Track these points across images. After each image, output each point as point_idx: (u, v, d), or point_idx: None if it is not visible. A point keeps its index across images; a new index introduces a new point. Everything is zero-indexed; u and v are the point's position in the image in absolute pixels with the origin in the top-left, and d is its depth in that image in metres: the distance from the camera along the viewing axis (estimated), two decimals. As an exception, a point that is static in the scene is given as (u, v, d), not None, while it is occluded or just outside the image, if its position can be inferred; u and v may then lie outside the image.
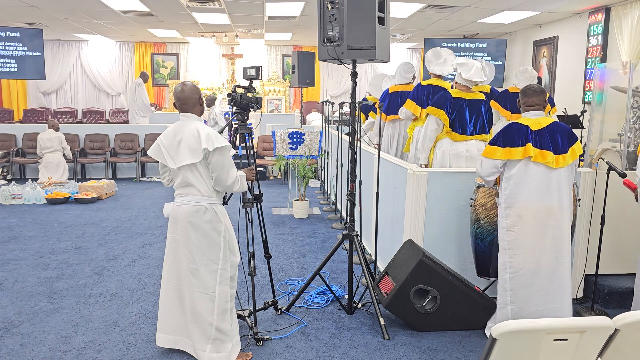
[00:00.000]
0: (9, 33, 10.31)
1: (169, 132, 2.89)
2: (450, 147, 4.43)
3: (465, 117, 4.39)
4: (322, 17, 3.36)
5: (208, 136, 2.77)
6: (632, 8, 7.65)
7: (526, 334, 1.58)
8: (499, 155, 3.09)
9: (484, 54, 11.12)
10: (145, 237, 5.53)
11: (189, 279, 2.88)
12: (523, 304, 3.07)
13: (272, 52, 14.44)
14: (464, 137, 4.42)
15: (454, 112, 4.39)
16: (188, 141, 2.79)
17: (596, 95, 6.01)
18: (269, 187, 8.61)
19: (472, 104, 4.42)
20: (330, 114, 8.56)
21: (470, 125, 4.40)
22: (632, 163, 5.12)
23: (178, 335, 2.98)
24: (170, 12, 9.50)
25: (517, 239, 3.05)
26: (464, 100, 4.41)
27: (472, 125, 4.42)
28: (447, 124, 4.40)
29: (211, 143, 2.76)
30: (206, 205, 2.85)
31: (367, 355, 3.08)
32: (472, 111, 4.42)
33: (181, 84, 2.93)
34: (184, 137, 2.81)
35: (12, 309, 3.67)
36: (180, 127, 2.86)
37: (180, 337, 2.98)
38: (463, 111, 4.40)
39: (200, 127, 2.81)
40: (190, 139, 2.79)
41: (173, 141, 2.84)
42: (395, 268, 3.52)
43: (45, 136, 8.30)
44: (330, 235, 5.68)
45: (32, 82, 13.70)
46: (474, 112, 4.42)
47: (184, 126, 2.85)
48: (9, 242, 5.31)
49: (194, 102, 2.90)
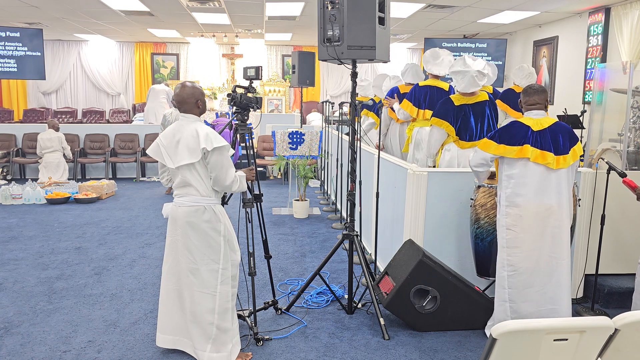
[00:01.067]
0: (9, 33, 10.31)
1: (168, 132, 2.90)
2: (458, 152, 4.41)
3: (470, 124, 4.33)
4: (322, 17, 3.36)
5: (207, 136, 2.78)
6: (632, 8, 7.65)
7: (526, 334, 1.58)
8: (491, 150, 3.11)
9: (484, 54, 11.12)
10: (145, 237, 5.54)
11: (189, 279, 2.88)
12: (522, 302, 3.07)
13: (272, 52, 14.45)
14: (472, 144, 4.37)
15: (458, 121, 4.33)
16: (187, 141, 2.80)
17: (596, 95, 6.00)
18: (269, 187, 8.61)
19: (476, 108, 4.36)
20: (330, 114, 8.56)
21: (476, 130, 4.36)
22: (632, 163, 5.12)
23: (178, 336, 2.98)
24: (170, 12, 9.50)
25: (517, 237, 3.06)
26: (468, 107, 4.34)
27: (479, 130, 4.37)
28: (453, 133, 4.36)
29: (210, 143, 2.76)
30: (205, 205, 2.85)
31: (367, 355, 3.08)
32: (477, 116, 4.36)
33: (180, 85, 2.93)
34: (183, 137, 2.82)
35: (12, 309, 3.67)
36: (180, 127, 2.87)
37: (180, 337, 2.98)
38: (467, 118, 4.33)
39: (199, 128, 2.81)
40: (189, 139, 2.79)
41: (172, 141, 2.85)
42: (395, 268, 3.52)
43: (45, 136, 8.29)
44: (330, 235, 5.68)
45: (32, 82, 13.70)
46: (478, 116, 4.36)
47: (183, 126, 2.86)
48: (9, 242, 5.31)
49: (191, 104, 2.90)
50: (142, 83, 14.19)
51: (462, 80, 4.24)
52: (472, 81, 4.21)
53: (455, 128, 4.34)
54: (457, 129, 4.35)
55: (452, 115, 4.33)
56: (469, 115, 4.34)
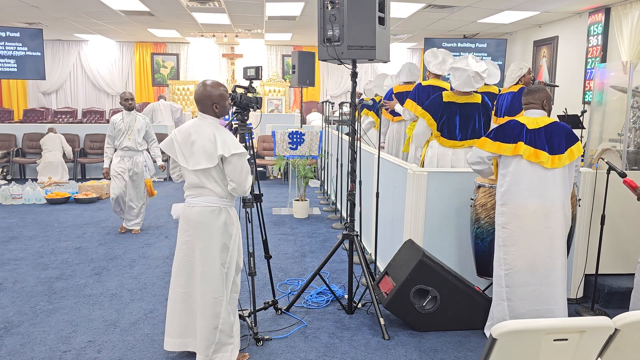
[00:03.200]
0: (9, 33, 10.31)
1: (184, 129, 2.83)
2: (439, 148, 4.40)
3: (454, 123, 4.31)
4: (322, 17, 3.36)
5: (224, 142, 2.72)
6: (632, 8, 7.65)
7: (526, 334, 1.58)
8: (487, 147, 3.13)
9: (484, 54, 11.12)
10: (145, 237, 5.53)
11: (199, 282, 2.83)
12: (520, 301, 3.07)
13: (272, 52, 14.45)
14: (453, 143, 4.35)
15: (442, 117, 4.31)
16: (203, 144, 2.73)
17: (596, 95, 6.01)
18: (269, 187, 8.61)
19: (464, 108, 4.33)
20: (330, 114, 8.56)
21: (458, 130, 4.33)
22: (632, 163, 5.12)
23: (187, 338, 2.93)
24: (170, 12, 9.50)
25: (512, 236, 3.06)
26: (456, 105, 4.32)
27: (461, 131, 4.33)
28: (434, 128, 4.35)
29: (227, 149, 2.71)
30: (221, 207, 2.81)
31: (367, 355, 3.08)
32: (464, 116, 4.32)
33: (201, 84, 2.84)
34: (199, 139, 2.75)
35: (12, 309, 3.67)
36: (197, 127, 2.80)
37: (189, 338, 2.93)
38: (453, 116, 4.31)
39: (217, 132, 2.75)
40: (205, 142, 2.73)
41: (187, 140, 2.79)
42: (395, 268, 3.52)
43: (47, 138, 8.56)
44: (330, 235, 5.68)
45: (32, 82, 13.70)
46: (465, 117, 4.33)
47: (201, 127, 2.79)
48: (9, 242, 5.31)
49: (206, 105, 2.82)
50: (142, 83, 14.20)
51: (459, 77, 4.24)
52: (468, 81, 4.20)
53: (437, 123, 4.34)
54: (440, 124, 4.34)
55: (437, 109, 4.33)
56: (454, 114, 4.32)
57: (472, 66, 4.20)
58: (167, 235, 5.59)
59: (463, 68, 4.20)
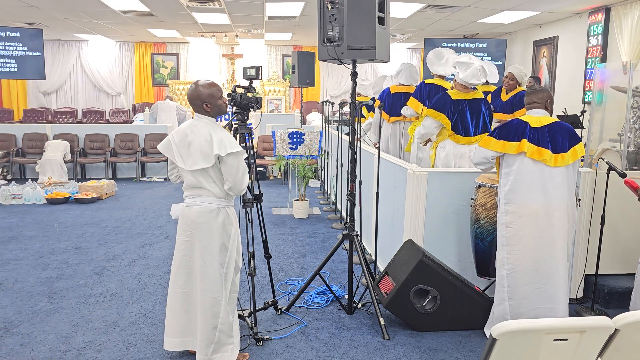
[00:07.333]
0: (9, 33, 10.31)
1: (181, 130, 2.84)
2: (454, 148, 4.43)
3: (467, 119, 4.38)
4: (322, 17, 3.36)
5: (221, 141, 2.72)
6: (632, 8, 7.65)
7: (526, 334, 1.58)
8: (492, 146, 3.13)
9: (484, 54, 11.12)
10: (145, 237, 5.53)
11: (198, 282, 2.83)
12: (521, 300, 3.07)
13: (272, 52, 14.45)
14: (468, 140, 4.41)
15: (455, 115, 4.37)
16: (200, 144, 2.73)
17: (596, 95, 6.01)
18: (269, 187, 8.61)
19: (472, 104, 4.41)
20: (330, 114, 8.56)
21: (472, 126, 4.40)
22: (632, 163, 5.12)
23: (187, 337, 2.93)
24: (170, 12, 9.50)
25: (515, 235, 3.06)
26: (464, 102, 4.39)
27: (474, 126, 4.41)
28: (449, 127, 4.39)
29: (223, 148, 2.71)
30: (219, 207, 2.81)
31: (367, 355, 3.08)
32: (473, 112, 4.41)
33: (193, 84, 2.85)
34: (196, 139, 2.75)
35: (12, 309, 3.67)
36: (193, 127, 2.80)
37: (189, 337, 2.93)
38: (464, 113, 4.38)
39: (214, 132, 2.75)
40: (202, 143, 2.73)
41: (184, 140, 2.79)
42: (395, 268, 3.52)
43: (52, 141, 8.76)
44: (330, 235, 5.68)
45: (32, 82, 13.71)
46: (474, 113, 4.41)
47: (197, 127, 2.79)
48: (9, 242, 5.31)
49: (197, 105, 2.82)
50: (142, 83, 14.20)
51: (466, 70, 4.30)
52: (475, 72, 4.29)
53: (452, 121, 4.38)
54: (454, 122, 4.38)
55: (449, 108, 4.37)
56: (465, 110, 4.39)
57: (476, 62, 4.33)
58: (167, 235, 5.59)
59: (469, 62, 4.31)
